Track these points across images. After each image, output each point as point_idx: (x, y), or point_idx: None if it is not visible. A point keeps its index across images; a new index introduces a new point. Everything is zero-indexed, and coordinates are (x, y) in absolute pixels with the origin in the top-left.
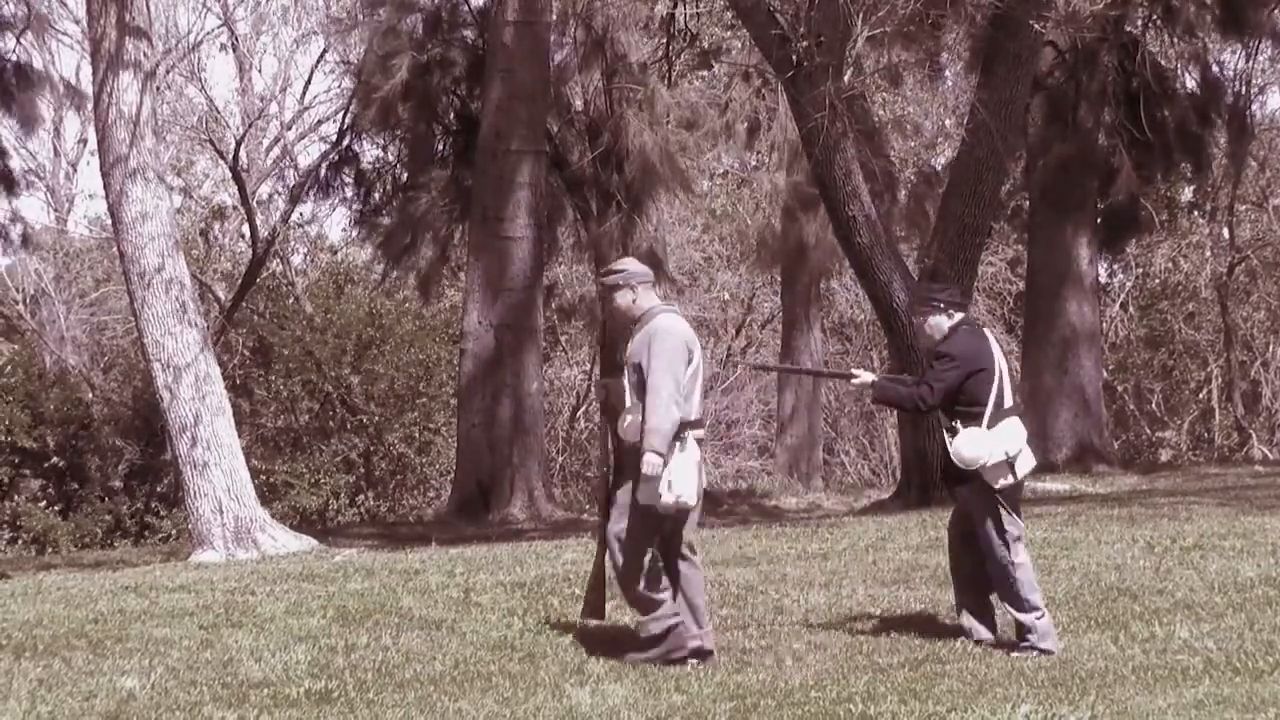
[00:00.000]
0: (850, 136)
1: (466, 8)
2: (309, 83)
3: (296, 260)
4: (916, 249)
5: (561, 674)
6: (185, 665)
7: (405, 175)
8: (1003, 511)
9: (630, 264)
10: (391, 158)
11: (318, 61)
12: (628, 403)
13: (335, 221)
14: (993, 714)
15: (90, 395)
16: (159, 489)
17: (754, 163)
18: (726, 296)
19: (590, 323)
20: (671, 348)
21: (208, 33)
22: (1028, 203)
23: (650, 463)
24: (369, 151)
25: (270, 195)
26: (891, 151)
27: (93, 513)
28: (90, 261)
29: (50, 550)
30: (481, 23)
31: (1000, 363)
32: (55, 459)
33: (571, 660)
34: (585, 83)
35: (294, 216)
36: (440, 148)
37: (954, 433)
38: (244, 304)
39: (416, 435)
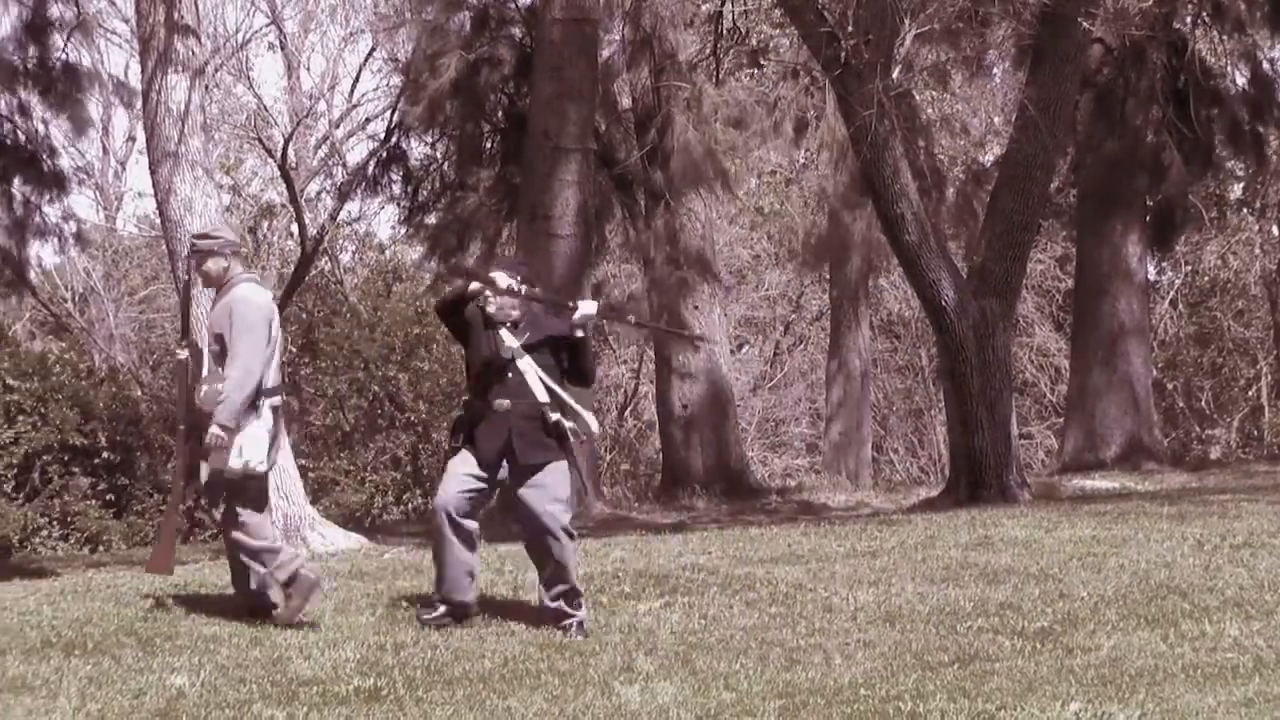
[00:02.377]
0: (898, 134)
1: (514, 6)
2: (357, 81)
3: (345, 258)
4: (964, 246)
5: (610, 672)
6: (234, 663)
7: (453, 173)
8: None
9: (225, 231)
10: (439, 156)
11: (366, 60)
12: (205, 371)
13: (383, 220)
14: (1042, 712)
15: (139, 393)
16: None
17: (802, 161)
18: (775, 295)
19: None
20: (255, 320)
21: (256, 31)
22: (1076, 200)
23: (214, 434)
24: (417, 150)
25: (319, 193)
26: (939, 149)
27: (143, 510)
28: (139, 259)
29: (101, 548)
30: (529, 20)
31: None
32: (105, 456)
33: (620, 658)
34: (633, 81)
35: (342, 214)
36: (488, 146)
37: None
38: (292, 302)
39: None
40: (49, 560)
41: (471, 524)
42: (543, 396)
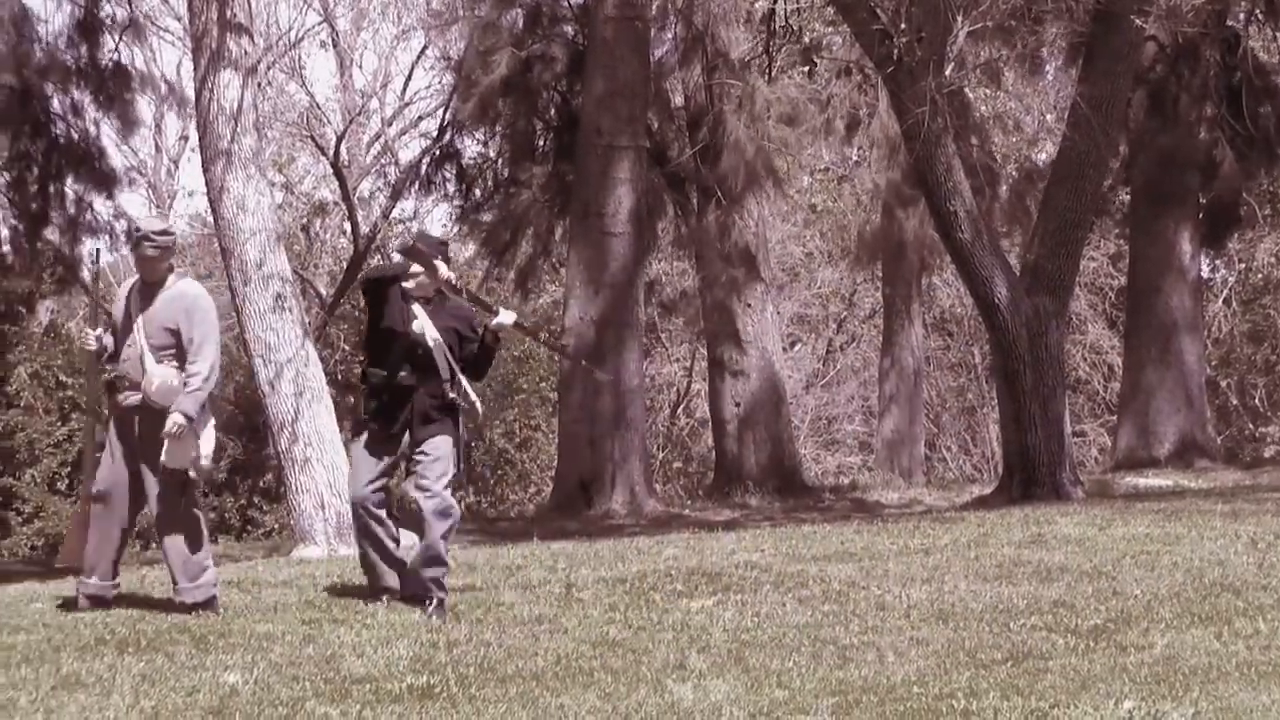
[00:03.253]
0: (951, 132)
1: (566, 3)
2: (409, 79)
3: (398, 257)
4: (1018, 244)
5: (663, 670)
6: (288, 661)
7: (506, 171)
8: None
9: (175, 228)
10: (492, 153)
11: (418, 57)
12: (149, 366)
13: (436, 217)
14: (1095, 710)
15: None
16: (261, 484)
17: (854, 158)
18: (827, 292)
19: (690, 319)
20: (214, 319)
21: (308, 29)
22: (1129, 197)
23: (176, 422)
24: (470, 147)
25: (371, 191)
26: (992, 147)
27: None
28: (192, 258)
29: (154, 545)
30: (581, 18)
31: None
32: None
33: (673, 656)
34: (685, 78)
35: (395, 212)
36: (541, 143)
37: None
38: (345, 299)
39: (517, 431)
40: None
41: (383, 511)
42: (445, 374)
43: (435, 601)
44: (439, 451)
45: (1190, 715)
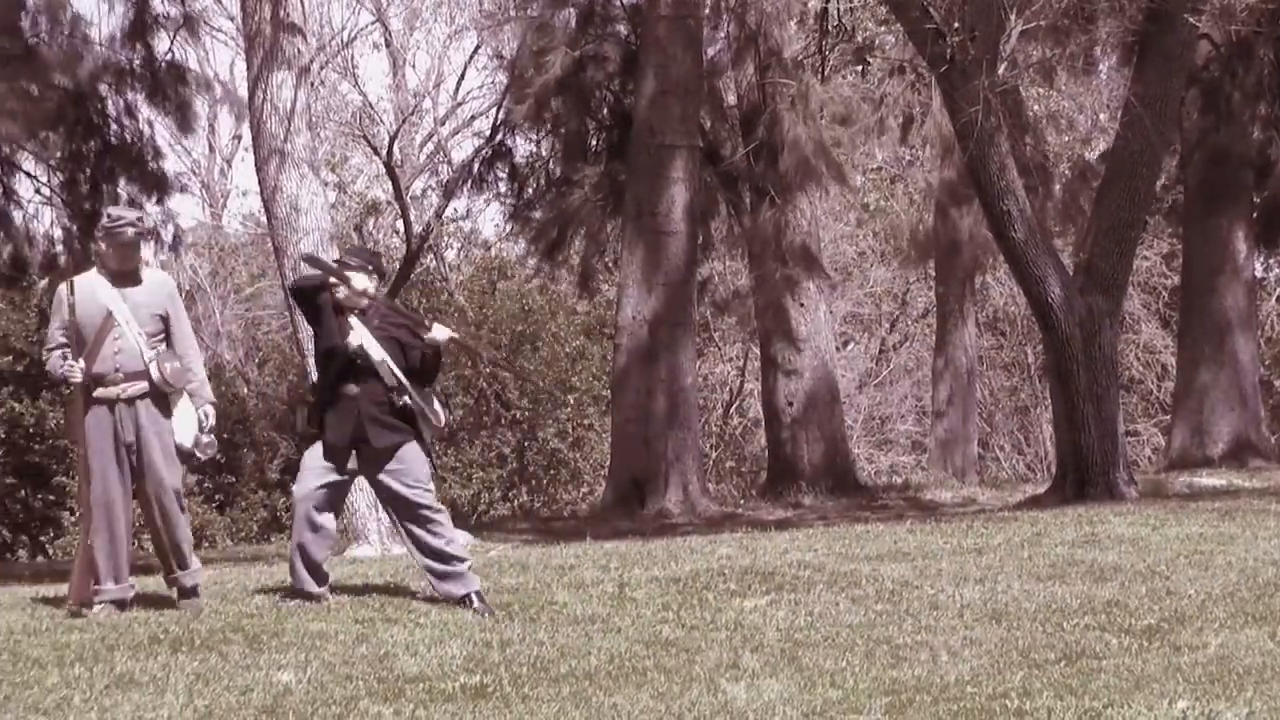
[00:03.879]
0: (1004, 131)
1: (619, 3)
2: (462, 78)
3: (450, 256)
4: (1071, 243)
5: (716, 669)
6: (341, 660)
7: (559, 170)
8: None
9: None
10: (545, 153)
11: (471, 57)
12: (150, 354)
13: (489, 217)
14: (1149, 710)
15: (245, 390)
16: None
17: (908, 158)
18: (880, 292)
19: (744, 318)
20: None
21: (361, 29)
22: (1183, 196)
23: (210, 412)
24: (523, 147)
25: (424, 190)
26: (1046, 146)
27: (249, 507)
28: (245, 257)
29: (207, 544)
30: (634, 17)
31: None
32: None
33: (726, 655)
34: (738, 77)
35: (448, 212)
36: (594, 142)
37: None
38: (398, 299)
39: (570, 430)
40: (155, 556)
41: (327, 518)
42: (390, 381)
43: (475, 596)
44: (403, 462)
45: (1244, 715)
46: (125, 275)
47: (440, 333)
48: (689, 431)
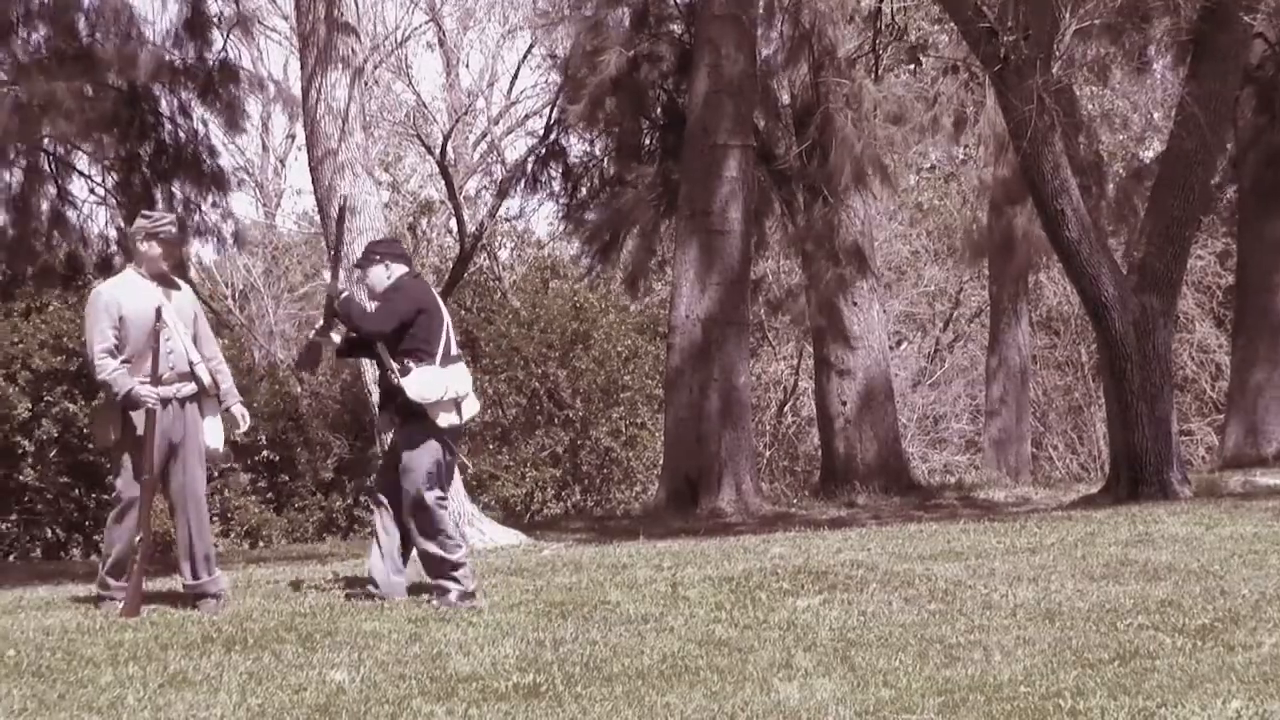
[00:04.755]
0: (1058, 130)
1: (673, 2)
2: (516, 77)
3: (504, 255)
4: (1125, 242)
5: (769, 668)
6: (394, 659)
7: (613, 170)
8: (441, 450)
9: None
10: (599, 152)
11: (524, 57)
12: (192, 352)
13: (542, 216)
14: (1203, 710)
15: (299, 389)
16: (368, 483)
17: (961, 156)
18: (934, 291)
19: (797, 317)
20: None
21: (415, 29)
22: (1237, 196)
23: (243, 413)
24: (576, 146)
25: (477, 190)
26: (1100, 145)
27: (303, 507)
28: (299, 256)
29: (261, 543)
30: (688, 17)
31: (445, 312)
32: (266, 453)
33: (779, 655)
34: (792, 76)
35: (501, 211)
36: (647, 142)
37: (406, 371)
38: (451, 298)
39: (623, 429)
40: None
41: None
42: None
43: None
44: (403, 444)
45: None
46: (164, 277)
47: (335, 336)
48: (742, 430)
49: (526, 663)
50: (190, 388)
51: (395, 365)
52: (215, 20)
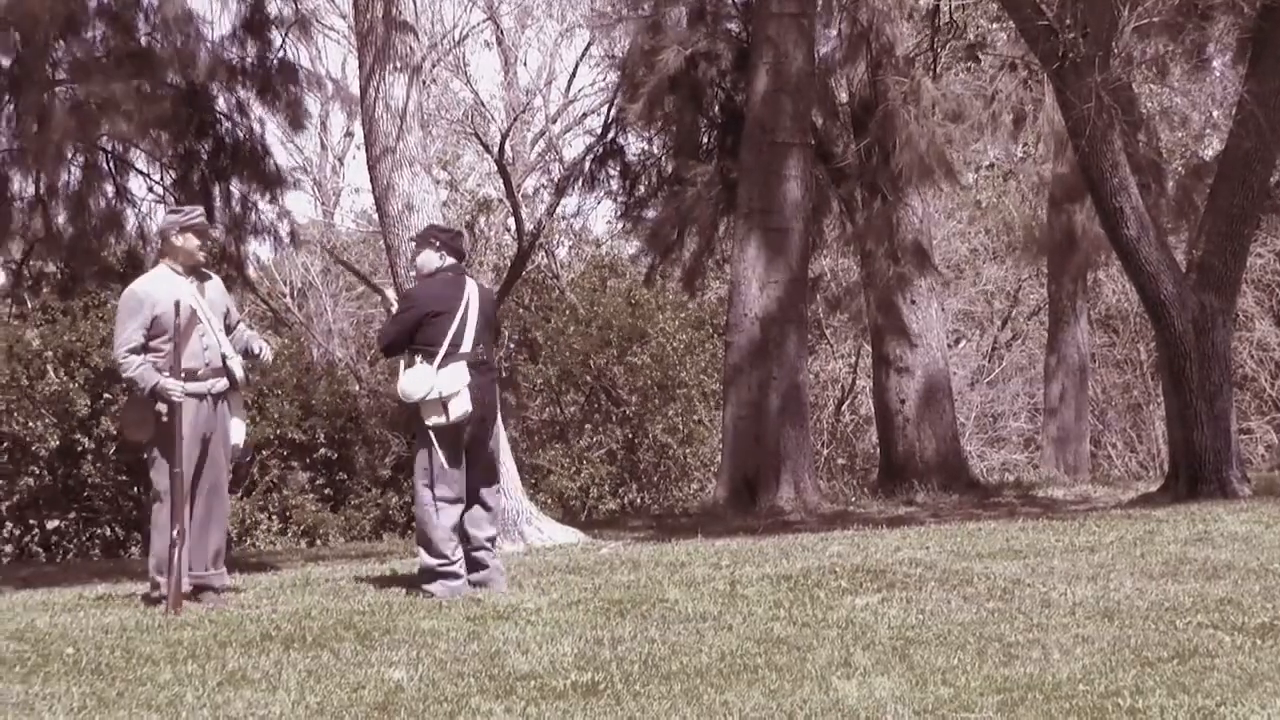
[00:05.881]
0: (1117, 128)
1: (731, 0)
2: (573, 76)
3: (561, 253)
4: (1184, 240)
5: (828, 667)
6: (452, 657)
7: (671, 168)
8: (434, 450)
9: None
10: (656, 150)
11: (582, 55)
12: (225, 346)
13: (600, 214)
14: (1262, 708)
15: (357, 387)
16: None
17: (1020, 154)
18: (992, 289)
19: (856, 315)
20: None
21: (473, 27)
22: None
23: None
24: (634, 144)
25: (535, 188)
26: (1159, 142)
27: (361, 505)
28: (357, 254)
29: (319, 541)
30: (746, 15)
31: (470, 311)
32: (324, 451)
33: (837, 653)
34: (850, 75)
35: (559, 209)
36: (705, 140)
37: (411, 366)
38: (509, 297)
39: (680, 427)
40: (268, 554)
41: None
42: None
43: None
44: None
45: None
46: (195, 270)
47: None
48: (801, 428)
49: (585, 661)
50: (223, 384)
51: (403, 363)
52: (274, 20)
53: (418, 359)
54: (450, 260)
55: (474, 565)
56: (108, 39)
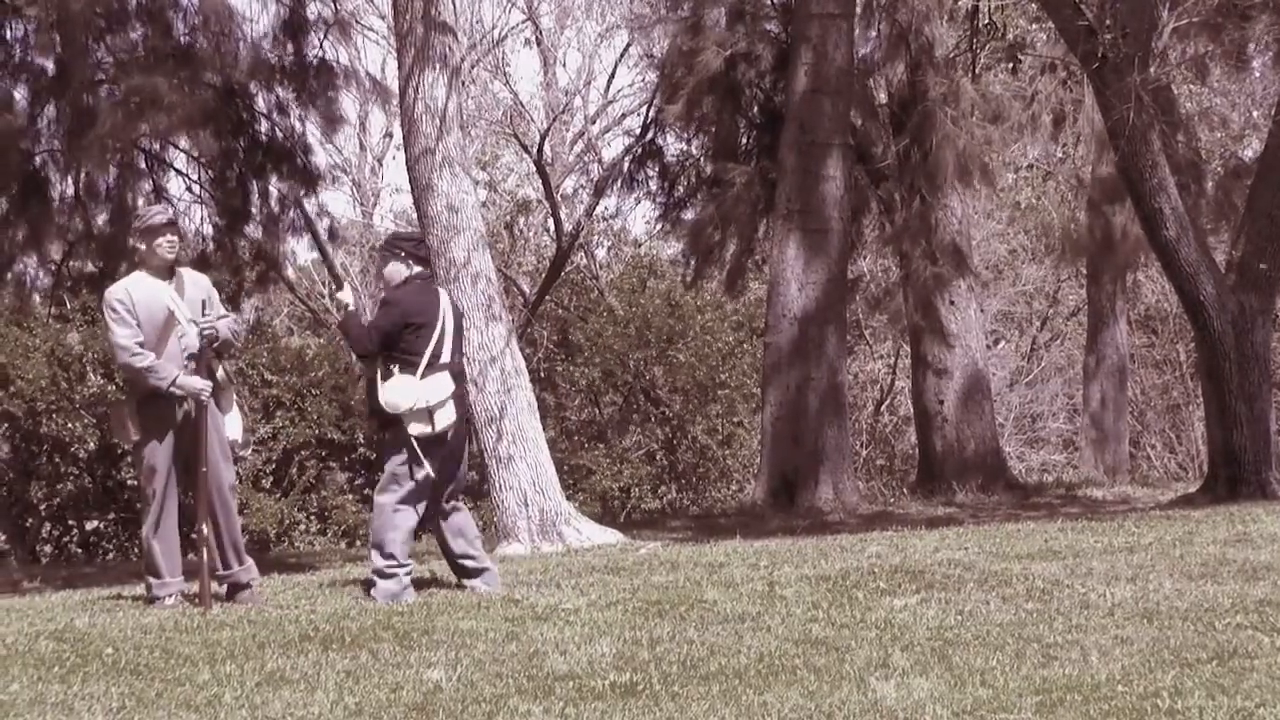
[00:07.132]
0: (1156, 128)
1: (770, 1)
2: (613, 77)
3: (600, 254)
4: (1223, 241)
5: (866, 668)
6: (490, 658)
7: (710, 169)
8: (415, 460)
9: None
10: (695, 151)
11: (621, 56)
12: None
13: (639, 215)
14: None
15: None
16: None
17: (1059, 155)
18: (1031, 290)
19: (895, 316)
20: None
21: (512, 28)
22: None
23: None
24: (673, 145)
25: (574, 189)
26: (1198, 143)
27: None
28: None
29: (358, 542)
30: (785, 16)
31: (447, 321)
32: (362, 451)
33: (876, 654)
34: (889, 75)
35: (598, 210)
36: (745, 141)
37: (388, 376)
38: (548, 297)
39: (719, 427)
40: (306, 554)
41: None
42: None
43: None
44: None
45: None
46: (167, 270)
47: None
48: (841, 429)
49: (623, 661)
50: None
51: (379, 372)
52: (313, 21)
53: (394, 369)
54: (418, 269)
55: (466, 572)
56: (148, 38)
